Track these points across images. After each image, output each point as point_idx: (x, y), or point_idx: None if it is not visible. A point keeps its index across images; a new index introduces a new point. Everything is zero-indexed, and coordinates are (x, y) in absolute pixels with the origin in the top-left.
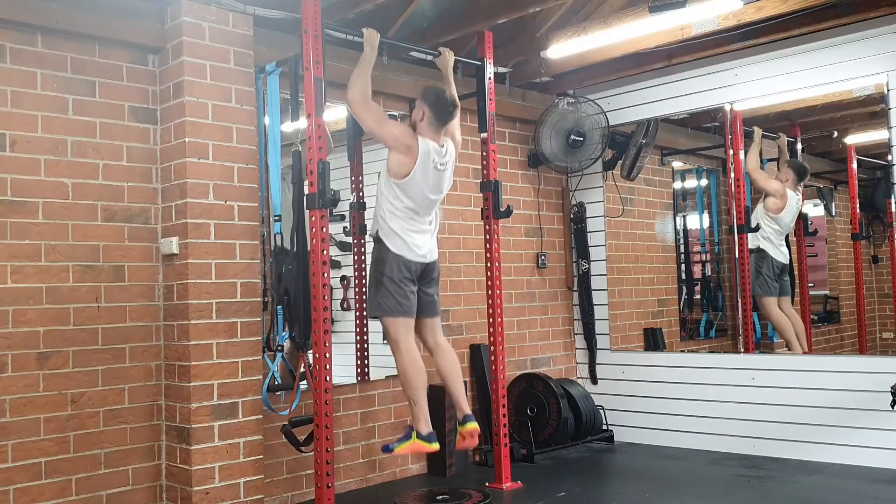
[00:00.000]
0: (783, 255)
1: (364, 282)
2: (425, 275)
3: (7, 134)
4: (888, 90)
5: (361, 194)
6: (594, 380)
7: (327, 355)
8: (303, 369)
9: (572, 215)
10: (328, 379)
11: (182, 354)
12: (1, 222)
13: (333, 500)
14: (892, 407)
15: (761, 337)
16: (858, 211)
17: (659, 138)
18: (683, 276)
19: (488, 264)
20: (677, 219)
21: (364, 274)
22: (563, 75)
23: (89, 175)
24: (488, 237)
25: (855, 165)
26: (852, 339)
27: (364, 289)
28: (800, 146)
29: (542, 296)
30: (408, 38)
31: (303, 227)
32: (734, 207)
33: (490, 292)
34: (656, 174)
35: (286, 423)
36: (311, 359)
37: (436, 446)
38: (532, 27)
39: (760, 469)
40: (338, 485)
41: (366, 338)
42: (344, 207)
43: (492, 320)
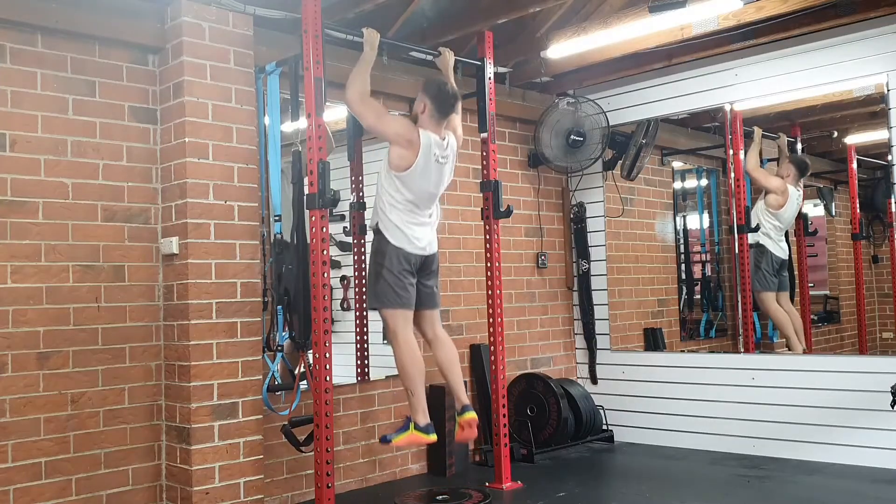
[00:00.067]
0: (782, 250)
1: (364, 282)
2: (425, 267)
3: (7, 134)
4: (888, 90)
5: (361, 194)
6: (594, 380)
7: (327, 355)
8: (303, 369)
9: (572, 215)
10: (328, 379)
11: (182, 354)
12: (1, 222)
13: (333, 500)
14: (892, 407)
15: (761, 337)
16: (858, 211)
17: (659, 138)
18: (683, 276)
19: (488, 264)
20: (677, 219)
21: (364, 274)
22: (563, 75)
23: (89, 175)
24: (488, 237)
25: (855, 165)
26: (852, 339)
27: (364, 288)
28: (800, 146)
29: (542, 296)
30: (408, 38)
31: (303, 227)
32: (734, 207)
33: (490, 292)
34: (656, 174)
35: (286, 423)
36: (311, 359)
37: (433, 437)
38: (532, 27)
39: (760, 469)
40: (338, 485)
41: (366, 338)
42: (344, 207)
43: (492, 320)
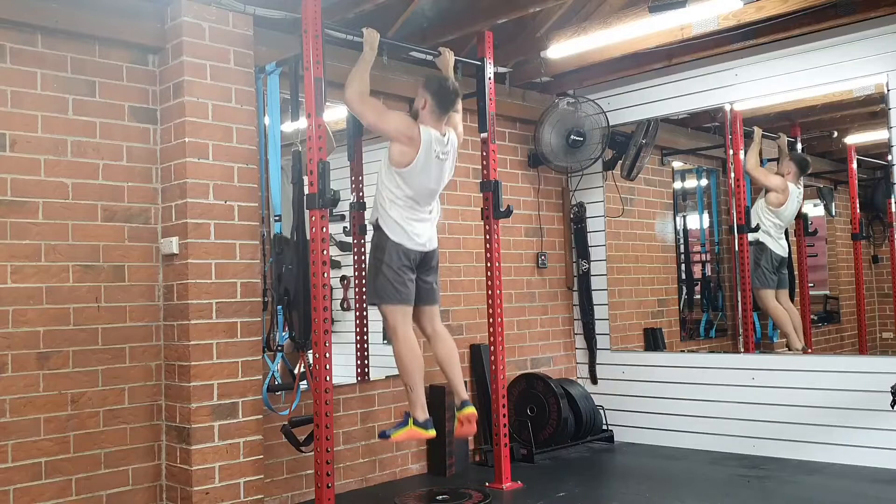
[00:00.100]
0: (782, 248)
1: (364, 281)
2: (424, 263)
3: (7, 134)
4: (888, 90)
5: (361, 194)
6: (594, 380)
7: (327, 355)
8: (303, 369)
9: (572, 215)
10: (328, 379)
11: (182, 354)
12: (1, 222)
13: (333, 500)
14: (892, 407)
15: (761, 337)
16: (858, 211)
17: (659, 138)
18: (683, 276)
19: (488, 264)
20: (677, 219)
21: (364, 274)
22: (563, 75)
23: (89, 175)
24: (488, 237)
25: (855, 165)
26: (852, 339)
27: (364, 287)
28: (800, 146)
29: (542, 296)
30: (408, 38)
31: (303, 227)
32: (734, 207)
33: (490, 292)
34: (656, 174)
35: (286, 423)
36: (311, 359)
37: (432, 433)
38: (532, 27)
39: (760, 469)
40: (338, 485)
41: (366, 338)
42: (344, 207)
43: (492, 320)
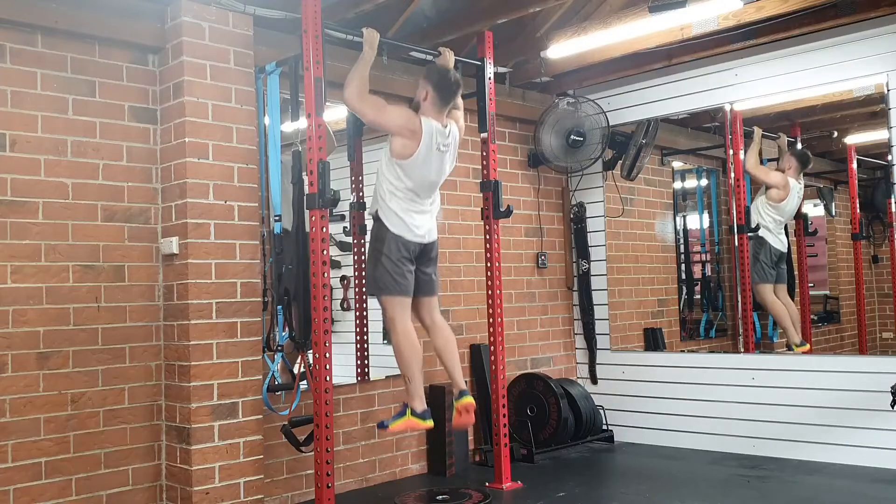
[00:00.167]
0: (781, 243)
1: (364, 281)
2: (423, 255)
3: (7, 134)
4: (888, 90)
5: (361, 194)
6: (594, 380)
7: (327, 355)
8: (303, 369)
9: (572, 215)
10: (328, 379)
11: (182, 354)
12: (1, 222)
13: (333, 500)
14: (892, 407)
15: (761, 337)
16: (858, 211)
17: (659, 138)
18: (683, 276)
19: (488, 264)
20: (677, 219)
21: (364, 274)
22: (563, 75)
23: (89, 175)
24: (488, 237)
25: (855, 165)
26: (852, 339)
27: (364, 287)
28: (800, 146)
29: (542, 296)
30: (408, 38)
31: (303, 227)
32: (734, 207)
33: (490, 292)
34: (656, 174)
35: (286, 423)
36: (311, 359)
37: (430, 423)
38: (532, 27)
39: (760, 469)
40: (338, 485)
41: (366, 338)
42: (344, 207)
43: (492, 320)
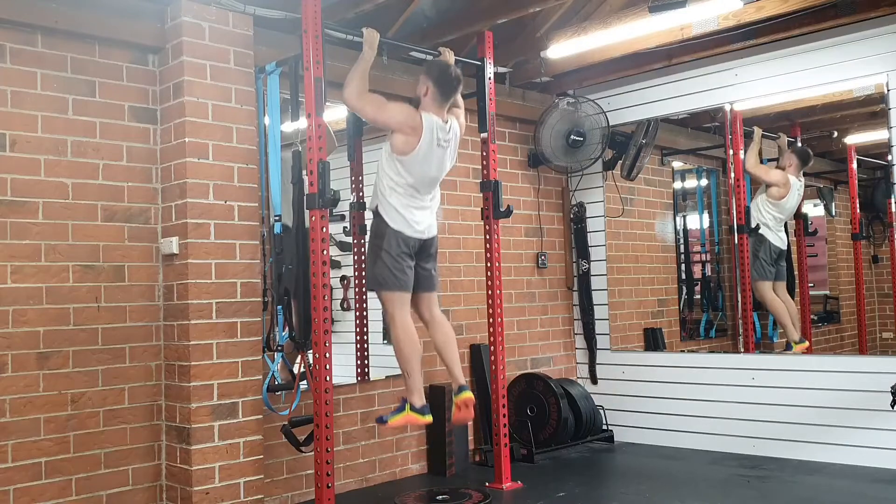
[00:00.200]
0: (781, 240)
1: (364, 281)
2: (423, 250)
3: (7, 134)
4: (888, 90)
5: (361, 194)
6: (594, 380)
7: (327, 355)
8: (303, 369)
9: (572, 215)
10: (328, 379)
11: (182, 354)
12: (1, 222)
13: (333, 500)
14: (892, 407)
15: (761, 337)
16: (858, 211)
17: (659, 138)
18: (683, 276)
19: (488, 264)
20: (677, 219)
21: (364, 274)
22: (563, 75)
23: (89, 175)
24: (488, 237)
25: (855, 165)
26: (852, 339)
27: (364, 287)
28: (800, 146)
29: (542, 296)
30: (408, 38)
31: (303, 228)
32: (734, 207)
33: (490, 292)
34: (656, 174)
35: (286, 423)
36: (311, 359)
37: (429, 418)
38: (532, 27)
39: (760, 469)
40: (338, 485)
41: (366, 338)
42: (344, 207)
43: (492, 320)
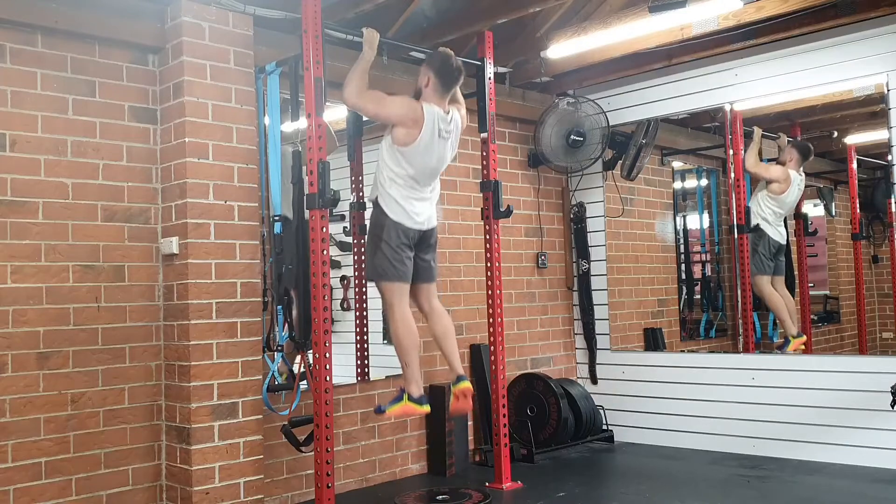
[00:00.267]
0: (780, 235)
1: (364, 281)
2: (423, 241)
3: (7, 134)
4: (888, 90)
5: (361, 194)
6: (594, 380)
7: (327, 355)
8: (303, 369)
9: (572, 215)
10: (328, 379)
11: (182, 354)
12: (1, 222)
13: (333, 500)
14: (892, 407)
15: (761, 337)
16: (858, 211)
17: (659, 138)
18: (683, 276)
19: (488, 264)
20: (677, 219)
21: (364, 274)
22: (563, 75)
23: (89, 175)
24: (488, 237)
25: (855, 165)
26: (852, 339)
27: (364, 287)
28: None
29: (542, 296)
30: (408, 38)
31: (303, 227)
32: (734, 207)
33: (490, 292)
34: (656, 174)
35: (286, 423)
36: (311, 359)
37: (426, 408)
38: (532, 27)
39: (760, 469)
40: (338, 485)
41: (366, 338)
42: (344, 207)
43: (492, 320)
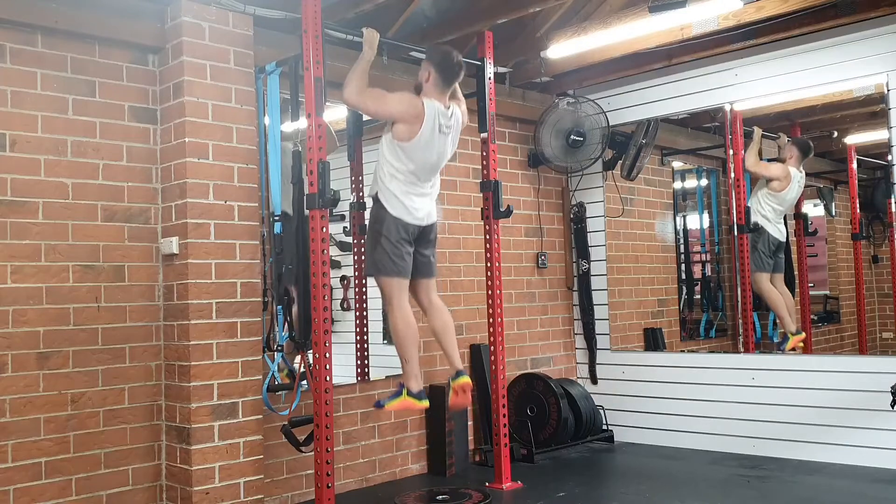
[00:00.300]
0: (780, 232)
1: (364, 282)
2: (423, 237)
3: (7, 134)
4: (888, 90)
5: (361, 194)
6: (594, 380)
7: (327, 355)
8: (302, 369)
9: (572, 215)
10: (328, 379)
11: (182, 354)
12: (1, 222)
13: (333, 500)
14: (892, 407)
15: (761, 337)
16: (858, 211)
17: (659, 138)
18: (683, 276)
19: (488, 264)
20: (677, 219)
21: (364, 274)
22: (563, 75)
23: (89, 175)
24: (488, 237)
25: (855, 165)
26: (852, 339)
27: (364, 288)
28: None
29: (542, 296)
30: (408, 38)
31: (303, 227)
32: (734, 207)
33: (490, 292)
34: (656, 174)
35: (286, 423)
36: (311, 359)
37: (425, 403)
38: (532, 27)
39: (760, 469)
40: (338, 485)
41: (366, 338)
42: (344, 207)
43: (492, 320)
